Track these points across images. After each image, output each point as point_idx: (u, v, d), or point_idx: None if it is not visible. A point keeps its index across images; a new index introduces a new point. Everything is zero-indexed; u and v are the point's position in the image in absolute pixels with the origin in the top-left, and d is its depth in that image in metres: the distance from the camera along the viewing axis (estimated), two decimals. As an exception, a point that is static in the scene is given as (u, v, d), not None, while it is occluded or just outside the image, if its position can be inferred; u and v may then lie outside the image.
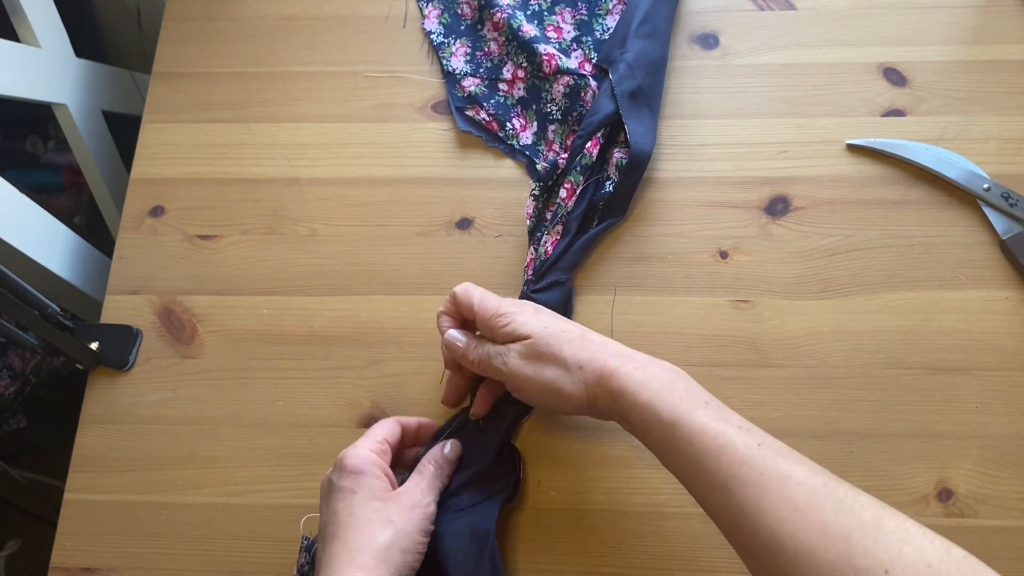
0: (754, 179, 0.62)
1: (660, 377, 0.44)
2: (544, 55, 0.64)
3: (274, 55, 0.69)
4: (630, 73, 0.62)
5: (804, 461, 0.40)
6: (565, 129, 0.64)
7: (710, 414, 0.42)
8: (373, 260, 0.61)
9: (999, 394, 0.55)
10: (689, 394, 0.43)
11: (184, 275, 0.61)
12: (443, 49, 0.68)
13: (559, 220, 0.59)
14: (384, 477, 0.47)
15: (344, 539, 0.43)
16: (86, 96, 0.75)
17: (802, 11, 0.68)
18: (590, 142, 0.60)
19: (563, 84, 0.63)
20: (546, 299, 0.56)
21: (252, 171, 0.65)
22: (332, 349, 0.58)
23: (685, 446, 0.41)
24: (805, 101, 0.64)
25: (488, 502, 0.50)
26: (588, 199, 0.60)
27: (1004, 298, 0.57)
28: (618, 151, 0.61)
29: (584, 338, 0.47)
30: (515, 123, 0.65)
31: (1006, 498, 0.52)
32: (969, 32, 0.66)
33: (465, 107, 0.66)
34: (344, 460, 0.47)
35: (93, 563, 0.53)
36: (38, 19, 0.68)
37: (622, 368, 0.44)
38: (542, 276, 0.58)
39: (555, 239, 0.59)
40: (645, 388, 0.43)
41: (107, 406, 0.58)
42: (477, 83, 0.66)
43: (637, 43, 0.63)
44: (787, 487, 0.38)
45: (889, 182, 0.61)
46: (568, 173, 0.60)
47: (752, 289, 0.58)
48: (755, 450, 0.40)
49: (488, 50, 0.68)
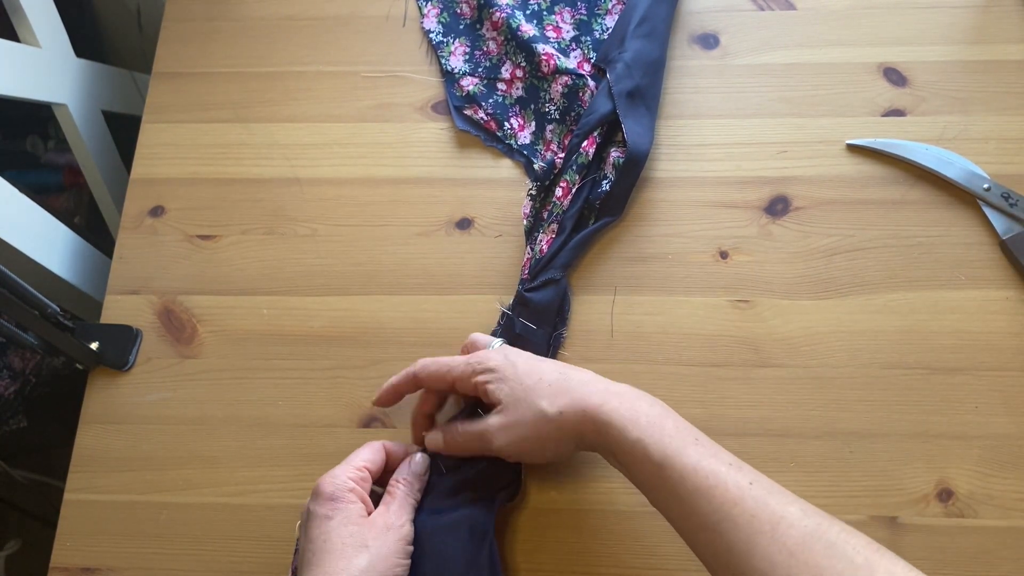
0: (754, 179, 0.62)
1: (648, 413, 0.43)
2: (543, 55, 0.64)
3: (274, 55, 0.69)
4: (628, 73, 0.62)
5: (796, 500, 0.40)
6: (563, 129, 0.64)
7: (700, 452, 0.41)
8: (373, 260, 0.61)
9: (999, 394, 0.55)
10: (678, 431, 0.43)
11: (184, 275, 0.61)
12: (442, 48, 0.68)
13: (554, 219, 0.59)
14: (360, 502, 0.46)
15: (321, 565, 0.43)
16: (86, 96, 0.75)
17: (802, 11, 0.68)
18: (586, 141, 0.60)
19: (561, 84, 0.63)
20: (540, 298, 0.57)
21: (252, 171, 0.65)
22: (332, 349, 0.58)
23: (675, 486, 0.41)
24: (805, 101, 0.64)
25: (488, 500, 0.50)
26: (584, 198, 0.60)
27: (1004, 298, 0.57)
28: (615, 150, 0.61)
29: (564, 377, 0.47)
30: (513, 123, 0.65)
31: (1006, 498, 0.52)
32: (969, 32, 0.66)
33: (463, 106, 0.66)
34: (320, 486, 0.46)
35: (93, 563, 0.53)
36: (38, 19, 0.68)
37: (606, 404, 0.44)
38: (536, 275, 0.58)
39: (550, 238, 0.59)
40: (633, 425, 0.43)
41: (107, 406, 0.58)
42: (476, 82, 0.66)
43: (635, 43, 0.63)
44: (779, 529, 0.38)
45: (889, 182, 0.61)
46: (564, 172, 0.60)
47: (752, 289, 0.58)
48: (747, 490, 0.39)
49: (487, 49, 0.68)
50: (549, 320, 0.57)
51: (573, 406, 0.45)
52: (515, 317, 0.57)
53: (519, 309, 0.57)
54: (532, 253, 0.59)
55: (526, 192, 0.61)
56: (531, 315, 0.56)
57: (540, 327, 0.56)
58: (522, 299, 0.57)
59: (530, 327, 0.56)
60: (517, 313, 0.57)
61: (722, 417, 0.55)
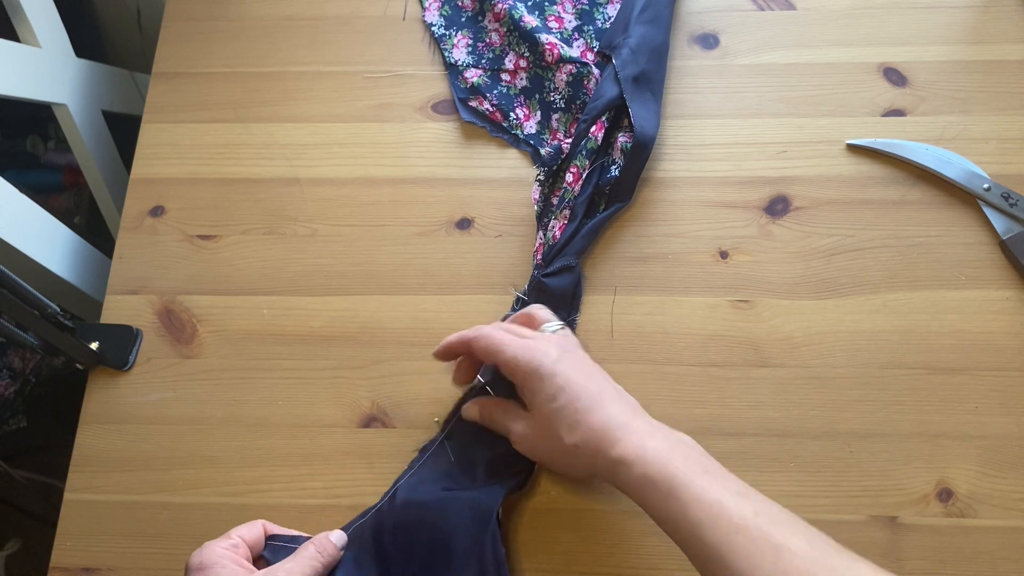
0: (754, 179, 0.62)
1: (657, 448, 0.43)
2: (546, 44, 0.64)
3: (274, 55, 0.69)
4: (633, 58, 0.62)
5: (801, 530, 0.40)
6: (569, 118, 0.64)
7: (707, 482, 0.41)
8: (373, 260, 0.61)
9: (999, 394, 0.55)
10: (687, 461, 0.43)
11: (184, 275, 0.61)
12: (444, 41, 0.68)
13: (566, 205, 0.59)
14: (235, 565, 0.45)
15: None
16: (86, 96, 0.75)
17: (802, 11, 0.68)
18: (595, 126, 0.60)
19: (566, 73, 0.64)
20: (556, 283, 0.57)
21: (252, 171, 0.65)
22: (332, 349, 0.58)
23: (681, 517, 0.41)
24: (805, 101, 0.64)
25: (496, 485, 0.51)
26: (594, 183, 0.60)
27: (1004, 298, 0.57)
28: (622, 135, 0.61)
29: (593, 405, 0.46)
30: (519, 113, 0.65)
31: (1006, 498, 0.52)
32: (969, 32, 0.66)
33: (468, 98, 0.66)
34: (189, 562, 0.45)
35: (93, 563, 0.53)
36: (38, 19, 0.68)
37: (618, 445, 0.44)
38: (551, 261, 0.58)
39: (563, 223, 0.59)
40: (640, 460, 0.43)
41: (107, 406, 0.58)
42: (480, 74, 0.67)
43: (639, 28, 0.63)
44: (782, 558, 0.38)
45: (889, 182, 0.61)
46: (573, 158, 0.60)
47: (752, 289, 0.58)
48: (751, 519, 0.39)
49: (490, 41, 0.68)
50: (564, 306, 0.58)
51: (587, 443, 0.45)
52: (531, 303, 0.57)
53: (535, 295, 0.57)
54: (545, 239, 0.59)
55: (535, 178, 0.61)
56: (547, 301, 0.56)
57: (555, 313, 0.56)
58: (539, 285, 0.57)
59: None
60: (533, 299, 0.57)
61: (722, 417, 0.55)
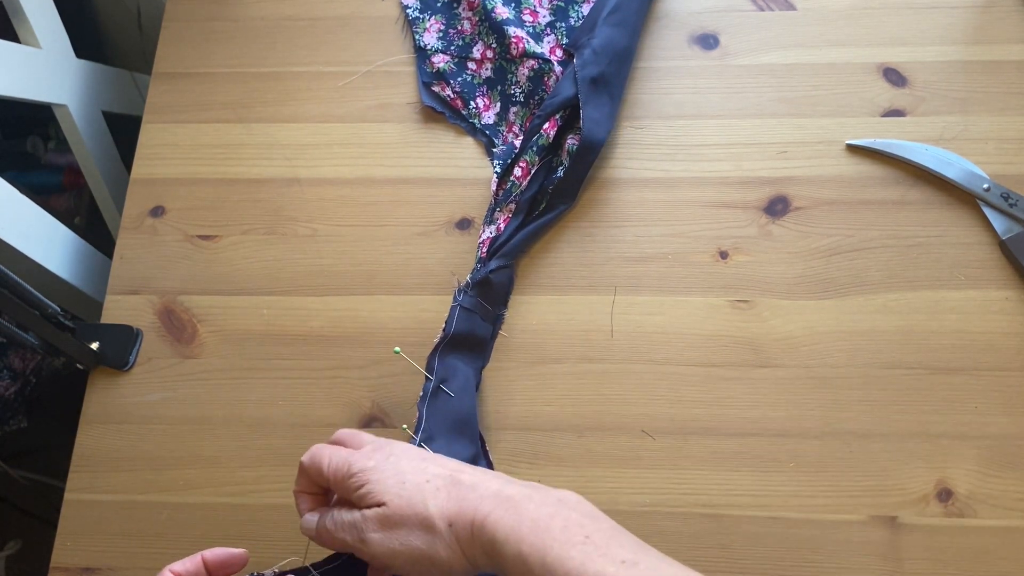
0: (754, 179, 0.62)
1: (533, 517, 0.38)
2: (513, 38, 0.65)
3: (274, 55, 0.69)
4: (594, 59, 0.62)
5: None
6: (526, 112, 0.64)
7: (586, 552, 0.37)
8: (373, 260, 0.61)
9: (999, 394, 0.55)
10: (566, 531, 0.38)
11: (184, 275, 0.61)
12: (417, 24, 0.69)
13: (512, 199, 0.60)
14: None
15: None
16: (86, 96, 0.75)
17: (802, 11, 0.68)
18: (548, 123, 0.61)
19: (528, 68, 0.64)
20: (498, 279, 0.58)
21: (252, 171, 0.65)
22: (332, 349, 0.58)
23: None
24: (805, 101, 0.64)
25: None
26: (540, 182, 0.61)
27: (1004, 298, 0.57)
28: (571, 137, 0.62)
29: (454, 482, 0.41)
30: (479, 102, 0.66)
31: (1006, 498, 0.52)
32: (969, 32, 0.66)
33: (432, 82, 0.67)
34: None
35: (93, 563, 0.53)
36: (38, 19, 0.68)
37: (493, 513, 0.39)
38: (493, 255, 0.59)
39: (507, 216, 0.60)
40: (514, 535, 0.38)
41: (107, 406, 0.58)
42: (447, 60, 0.67)
43: (606, 30, 0.63)
44: None
45: (889, 182, 0.61)
46: (524, 152, 0.61)
47: (752, 289, 0.58)
48: None
49: (461, 28, 0.69)
50: (502, 301, 0.59)
51: (462, 515, 0.40)
52: (474, 296, 0.58)
53: (479, 289, 0.58)
54: (490, 232, 0.60)
55: (493, 171, 0.62)
56: (490, 295, 0.58)
57: (493, 307, 0.58)
58: (485, 280, 0.58)
59: (484, 305, 0.58)
60: (477, 293, 0.58)
61: (722, 417, 0.55)
